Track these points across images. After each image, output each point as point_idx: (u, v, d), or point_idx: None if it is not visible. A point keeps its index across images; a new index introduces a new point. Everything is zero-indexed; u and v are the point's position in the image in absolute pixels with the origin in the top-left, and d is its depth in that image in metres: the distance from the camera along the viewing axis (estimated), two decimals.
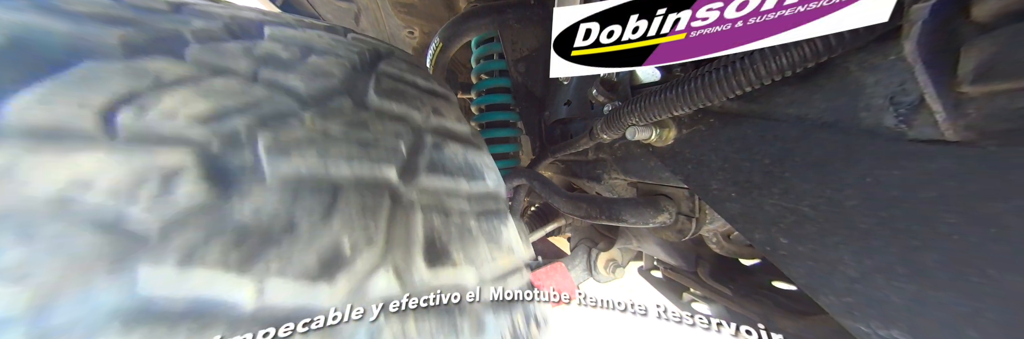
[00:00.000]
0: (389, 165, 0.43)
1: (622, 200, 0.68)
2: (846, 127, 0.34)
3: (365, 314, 0.37)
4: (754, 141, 0.43)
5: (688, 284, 0.99)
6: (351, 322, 0.36)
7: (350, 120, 0.44)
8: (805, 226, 0.37)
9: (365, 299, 0.34)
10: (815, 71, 0.36)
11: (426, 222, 0.43)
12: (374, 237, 0.36)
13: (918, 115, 0.29)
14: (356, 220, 0.36)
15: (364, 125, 0.45)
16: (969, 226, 0.26)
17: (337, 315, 0.36)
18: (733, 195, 0.46)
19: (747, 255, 0.82)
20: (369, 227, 0.37)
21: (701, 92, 0.41)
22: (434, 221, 0.44)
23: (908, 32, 0.27)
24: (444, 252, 0.42)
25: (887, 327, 0.32)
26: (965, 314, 0.27)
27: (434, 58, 1.08)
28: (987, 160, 0.25)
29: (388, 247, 0.38)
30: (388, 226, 0.39)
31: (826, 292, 0.37)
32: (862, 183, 0.32)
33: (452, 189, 0.51)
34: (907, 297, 0.30)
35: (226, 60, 0.40)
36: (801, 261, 0.38)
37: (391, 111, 0.52)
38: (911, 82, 0.29)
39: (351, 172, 0.39)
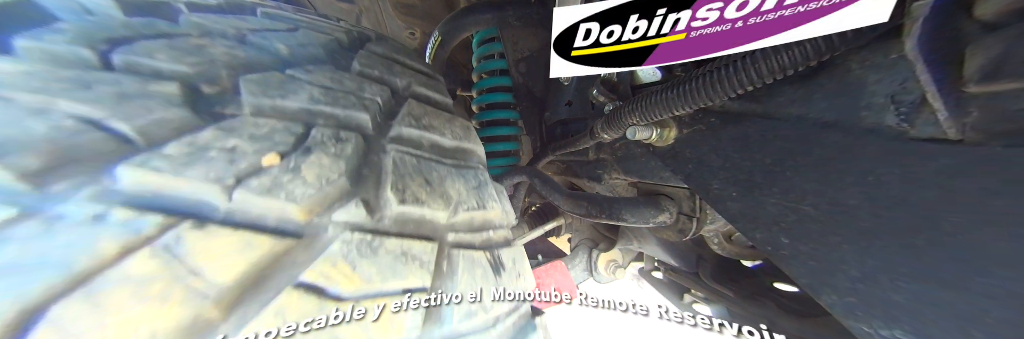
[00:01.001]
0: (363, 112, 0.47)
1: (622, 199, 0.68)
2: (847, 126, 0.34)
3: (367, 314, 0.38)
4: (755, 140, 0.43)
5: (689, 285, 0.98)
6: (353, 322, 0.37)
7: (330, 77, 0.49)
8: (807, 225, 0.37)
9: (331, 222, 0.37)
10: (816, 70, 0.36)
11: (398, 164, 0.46)
12: (342, 169, 0.39)
13: (919, 113, 0.29)
14: (326, 153, 0.40)
15: (341, 81, 0.50)
16: (973, 225, 0.26)
17: (339, 315, 0.36)
18: (734, 194, 0.46)
19: (749, 256, 0.82)
20: (338, 161, 0.39)
21: (702, 91, 0.41)
22: (407, 164, 0.47)
23: (909, 30, 0.27)
24: (414, 192, 0.44)
25: (890, 327, 0.32)
26: (969, 314, 0.27)
27: (433, 52, 1.09)
28: (992, 159, 0.25)
29: (357, 181, 0.41)
30: (359, 163, 0.43)
31: (828, 292, 0.36)
32: (864, 182, 0.32)
33: (430, 140, 0.55)
34: (910, 297, 0.30)
35: (215, 26, 0.47)
36: (803, 261, 0.38)
37: (372, 75, 0.56)
38: (912, 81, 0.29)
39: (324, 111, 0.45)
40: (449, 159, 0.56)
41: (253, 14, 0.57)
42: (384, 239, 0.39)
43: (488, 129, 1.11)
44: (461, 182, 0.52)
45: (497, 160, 1.11)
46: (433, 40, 1.06)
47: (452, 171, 0.53)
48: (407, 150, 0.50)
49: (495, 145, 1.11)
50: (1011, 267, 0.25)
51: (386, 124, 0.51)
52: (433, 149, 0.55)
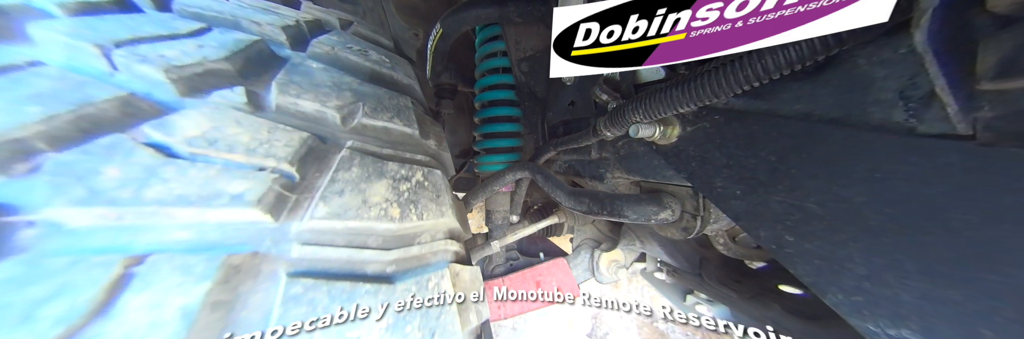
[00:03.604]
0: (276, 27, 0.61)
1: (624, 195, 0.68)
2: (854, 122, 0.34)
3: (370, 313, 0.38)
4: (759, 138, 0.42)
5: (692, 286, 0.97)
6: (357, 321, 0.37)
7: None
8: (812, 223, 0.37)
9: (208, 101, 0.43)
10: (823, 66, 0.36)
11: (296, 71, 0.53)
12: (224, 56, 0.47)
13: (929, 109, 0.28)
14: (221, 48, 0.48)
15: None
16: (983, 222, 0.25)
17: (343, 314, 0.36)
18: (738, 192, 0.45)
19: (754, 257, 0.81)
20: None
21: (706, 88, 0.41)
22: (307, 74, 0.54)
23: (918, 21, 0.26)
24: (307, 93, 0.51)
25: (897, 326, 0.32)
26: (979, 312, 0.27)
27: (434, 45, 1.09)
28: (1005, 156, 0.24)
29: (247, 75, 0.49)
30: (256, 65, 0.51)
31: (834, 291, 0.36)
32: (871, 179, 0.32)
33: (346, 61, 0.62)
34: (918, 295, 0.30)
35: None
36: (808, 259, 0.38)
37: (312, 12, 0.67)
38: (922, 76, 0.28)
39: (233, 19, 0.58)
40: (375, 83, 0.61)
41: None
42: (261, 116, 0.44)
43: (490, 125, 1.11)
44: (379, 97, 0.56)
45: (499, 156, 1.11)
46: (434, 33, 1.06)
47: (372, 90, 0.57)
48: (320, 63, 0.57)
49: (498, 141, 1.11)
50: (1021, 265, 0.24)
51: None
52: (354, 70, 0.60)
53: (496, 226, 1.12)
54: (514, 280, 1.01)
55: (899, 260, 0.31)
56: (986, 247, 0.26)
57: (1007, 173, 0.24)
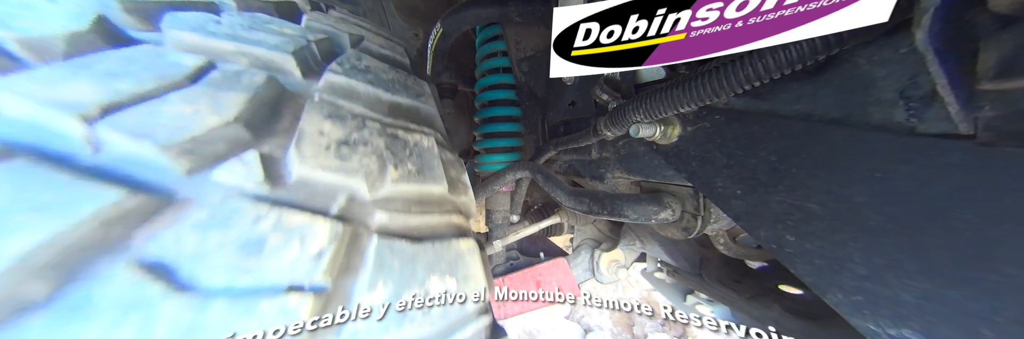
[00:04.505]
0: (286, 54, 0.43)
1: (624, 195, 0.68)
2: (855, 122, 0.34)
3: (372, 313, 0.38)
4: (760, 138, 0.43)
5: (693, 286, 0.97)
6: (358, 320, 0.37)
7: (262, 19, 0.48)
8: (812, 223, 0.37)
9: (215, 181, 0.31)
10: (823, 66, 0.36)
11: (315, 118, 0.40)
12: (238, 112, 0.34)
13: (930, 108, 0.28)
14: (229, 96, 0.35)
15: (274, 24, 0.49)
16: (984, 222, 0.25)
17: (344, 313, 0.36)
18: (738, 192, 0.45)
19: (755, 257, 0.81)
20: (243, 106, 0.34)
21: (707, 88, 0.41)
22: (327, 119, 0.41)
23: (920, 20, 0.26)
24: (328, 152, 0.38)
25: (898, 326, 0.32)
26: (980, 312, 0.27)
27: (434, 44, 1.09)
28: (1003, 155, 0.24)
29: (260, 133, 0.36)
30: (269, 112, 0.38)
31: (834, 291, 0.36)
32: (871, 179, 0.32)
33: (365, 94, 0.49)
34: (918, 295, 0.30)
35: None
36: (808, 259, 0.38)
37: (318, 28, 0.55)
38: (923, 75, 0.28)
39: (237, 50, 0.41)
40: (396, 116, 0.49)
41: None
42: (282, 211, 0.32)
43: (491, 125, 1.11)
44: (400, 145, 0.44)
45: (499, 156, 1.11)
46: (435, 32, 1.07)
47: (393, 131, 0.45)
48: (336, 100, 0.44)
49: (498, 141, 1.11)
50: (1022, 265, 0.24)
51: (316, 71, 0.45)
52: (373, 104, 0.47)
53: (496, 226, 1.12)
54: (515, 280, 1.01)
55: (899, 260, 0.31)
56: (986, 247, 0.26)
57: (1007, 173, 0.24)
